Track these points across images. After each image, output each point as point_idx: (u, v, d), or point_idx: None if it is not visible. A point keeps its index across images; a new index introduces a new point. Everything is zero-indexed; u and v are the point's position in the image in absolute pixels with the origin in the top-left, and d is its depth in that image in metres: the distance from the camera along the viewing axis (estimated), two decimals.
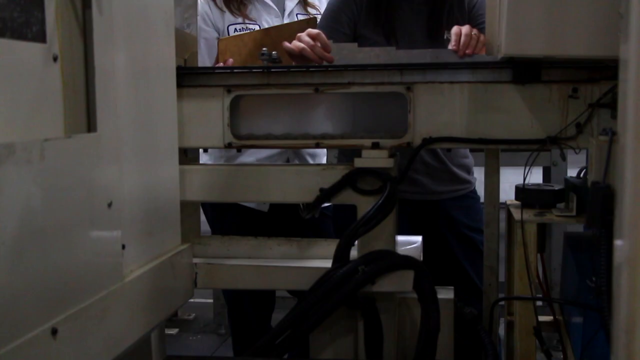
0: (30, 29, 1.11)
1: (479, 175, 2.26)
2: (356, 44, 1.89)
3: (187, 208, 1.89)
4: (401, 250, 1.91)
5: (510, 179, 2.09)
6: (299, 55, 1.90)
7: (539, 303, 1.98)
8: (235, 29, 2.37)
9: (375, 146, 1.76)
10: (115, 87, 1.36)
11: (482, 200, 2.07)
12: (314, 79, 1.80)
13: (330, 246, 2.04)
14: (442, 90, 1.75)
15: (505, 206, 2.00)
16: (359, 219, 1.70)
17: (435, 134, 1.75)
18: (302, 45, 1.88)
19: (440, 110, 1.75)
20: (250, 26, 2.37)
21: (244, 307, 2.53)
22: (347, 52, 1.89)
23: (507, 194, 2.05)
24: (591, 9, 1.38)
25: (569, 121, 1.69)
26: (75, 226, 1.19)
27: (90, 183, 1.23)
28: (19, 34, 1.09)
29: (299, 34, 1.91)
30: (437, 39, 2.20)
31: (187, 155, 1.96)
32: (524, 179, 1.82)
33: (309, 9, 2.48)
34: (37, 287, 1.07)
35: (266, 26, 2.38)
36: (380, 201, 1.68)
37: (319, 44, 1.88)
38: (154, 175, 1.61)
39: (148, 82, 1.56)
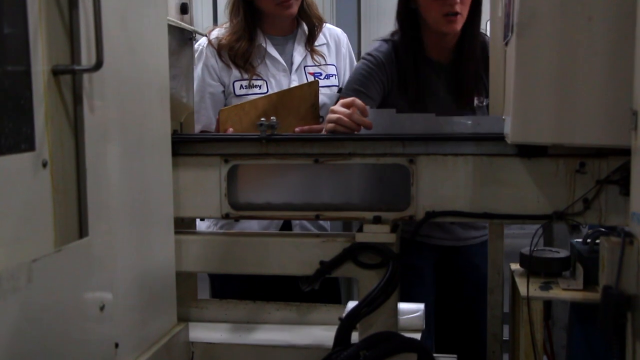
0: (18, 140, 1.06)
1: None
2: (394, 109, 1.82)
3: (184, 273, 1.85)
4: (403, 319, 1.87)
5: None
6: (336, 126, 1.80)
7: None
8: (241, 85, 2.32)
9: (377, 220, 1.71)
10: (108, 180, 1.31)
11: None
12: (313, 149, 1.75)
13: (330, 311, 2.00)
14: (445, 162, 1.70)
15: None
16: (361, 300, 1.65)
17: (438, 208, 1.70)
18: (338, 115, 1.79)
19: (444, 183, 1.70)
20: (256, 82, 2.32)
21: None
22: (384, 117, 1.81)
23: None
24: (599, 98, 1.33)
25: (576, 196, 1.64)
26: (65, 337, 1.14)
27: (81, 291, 1.18)
28: (7, 149, 1.04)
29: (332, 107, 1.83)
30: (466, 107, 2.18)
31: (184, 220, 1.91)
32: (531, 250, 1.77)
33: (317, 58, 2.42)
34: None
35: (273, 82, 2.33)
36: (382, 282, 1.63)
37: (356, 110, 1.80)
38: (149, 253, 1.56)
39: (143, 156, 1.51)
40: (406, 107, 2.15)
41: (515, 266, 1.96)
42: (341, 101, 1.83)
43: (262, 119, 1.75)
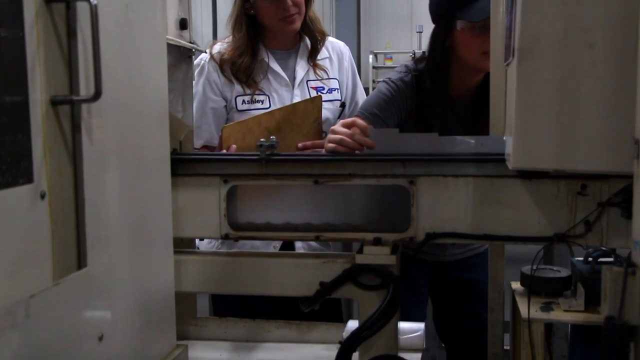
0: (17, 175, 1.05)
1: None
2: (397, 129, 1.81)
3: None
4: (403, 339, 1.86)
5: None
6: (338, 147, 1.79)
7: None
8: (243, 100, 2.31)
9: (377, 242, 1.70)
10: (107, 207, 1.30)
11: None
12: (314, 170, 1.74)
13: (330, 330, 2.00)
14: (446, 183, 1.69)
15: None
16: (361, 324, 1.64)
17: (439, 229, 1.70)
18: (339, 136, 1.78)
19: (445, 205, 1.69)
20: (259, 97, 2.31)
21: None
22: (386, 137, 1.79)
23: None
24: (600, 124, 1.32)
25: (578, 218, 1.63)
26: None
27: (79, 323, 1.17)
28: (5, 184, 1.03)
29: (332, 127, 1.82)
30: None
31: (184, 240, 1.91)
32: (532, 270, 1.77)
33: (319, 72, 2.41)
34: None
35: (275, 97, 2.32)
36: (383, 305, 1.62)
37: (357, 131, 1.79)
38: (148, 276, 1.55)
39: (142, 180, 1.50)
40: None
41: (515, 284, 1.95)
42: (342, 121, 1.82)
43: (262, 139, 1.74)
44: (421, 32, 8.81)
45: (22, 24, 1.09)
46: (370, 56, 10.32)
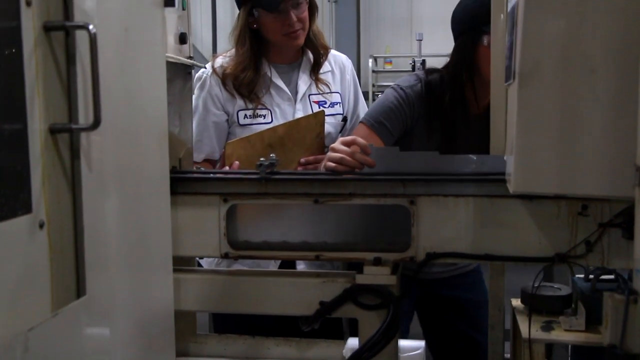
0: (15, 207, 1.04)
1: None
2: (397, 147, 1.80)
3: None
4: (403, 357, 1.85)
5: None
6: (338, 166, 1.77)
7: None
8: (245, 114, 2.30)
9: (377, 262, 1.69)
10: (106, 233, 1.29)
11: None
12: (314, 189, 1.74)
13: (330, 347, 1.99)
14: (446, 203, 1.69)
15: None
16: (362, 345, 1.64)
17: (439, 249, 1.69)
18: (340, 155, 1.77)
19: (445, 224, 1.69)
20: (261, 112, 2.30)
21: None
22: (387, 156, 1.79)
23: None
24: (602, 149, 1.32)
25: (579, 239, 1.63)
26: None
27: (79, 352, 1.17)
28: (3, 217, 1.02)
29: (332, 145, 1.81)
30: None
31: (183, 257, 1.90)
32: (532, 289, 1.76)
33: (321, 86, 2.41)
34: None
35: (277, 112, 2.31)
36: (383, 326, 1.62)
37: (358, 149, 1.78)
38: (147, 297, 1.54)
39: (141, 202, 1.49)
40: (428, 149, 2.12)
41: (516, 302, 1.95)
42: (342, 139, 1.81)
43: (262, 159, 1.73)
44: (421, 40, 8.79)
45: (21, 53, 1.09)
46: (370, 60, 10.32)
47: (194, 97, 2.29)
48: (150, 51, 1.52)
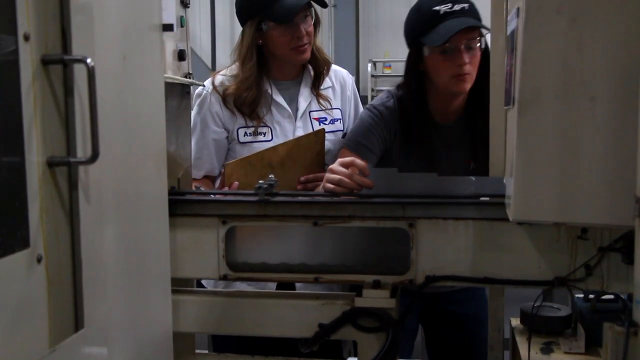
0: (12, 244, 1.04)
1: None
2: (396, 169, 1.80)
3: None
4: None
5: None
6: (337, 188, 1.79)
7: None
8: (246, 132, 2.29)
9: (377, 285, 1.69)
10: (105, 261, 1.29)
11: None
12: (312, 212, 1.73)
13: None
14: (446, 226, 1.68)
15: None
16: None
17: (438, 272, 1.69)
18: (338, 177, 1.78)
19: (444, 247, 1.69)
20: (261, 130, 2.29)
21: None
22: (385, 177, 1.79)
23: None
24: (602, 177, 1.32)
25: (578, 263, 1.63)
26: None
27: None
28: (1, 253, 1.02)
29: (330, 167, 1.81)
30: (463, 168, 2.16)
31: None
32: (533, 308, 1.76)
33: (322, 102, 2.40)
34: None
35: (277, 129, 2.30)
36: (383, 351, 1.61)
37: (356, 170, 1.78)
38: (146, 321, 1.54)
39: (140, 226, 1.49)
40: (407, 165, 2.13)
41: (515, 322, 1.95)
42: (340, 160, 1.81)
43: (261, 181, 1.73)
44: None
45: (19, 86, 1.08)
46: (369, 64, 10.31)
47: (193, 113, 2.28)
48: (148, 75, 1.51)
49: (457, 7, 2.08)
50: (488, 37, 2.02)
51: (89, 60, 1.13)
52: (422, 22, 2.11)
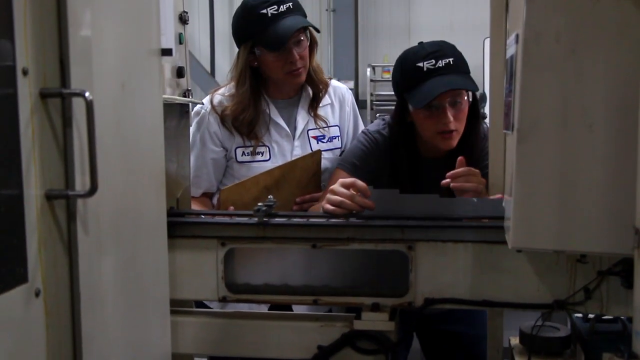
0: (11, 281, 1.04)
1: None
2: (397, 190, 1.78)
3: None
4: None
5: None
6: (337, 209, 1.77)
7: None
8: (244, 152, 2.28)
9: (376, 308, 1.69)
10: (103, 290, 1.29)
11: None
12: (311, 234, 1.73)
13: None
14: (445, 249, 1.68)
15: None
16: None
17: (438, 295, 1.68)
18: (340, 198, 1.76)
19: (444, 270, 1.68)
20: (259, 149, 2.29)
21: None
22: (386, 198, 1.77)
23: None
24: (601, 205, 1.32)
25: (577, 286, 1.63)
26: None
27: None
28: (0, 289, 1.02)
29: (331, 187, 1.80)
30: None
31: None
32: (532, 329, 1.75)
33: (319, 122, 2.40)
34: None
35: (275, 148, 2.30)
36: None
37: (357, 192, 1.76)
38: (144, 344, 1.54)
39: (138, 248, 1.48)
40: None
41: (514, 340, 1.94)
42: (341, 181, 1.80)
43: (260, 203, 1.73)
44: None
45: (17, 120, 1.09)
46: (368, 69, 10.29)
47: (191, 131, 2.27)
48: (147, 101, 1.51)
49: (441, 63, 2.02)
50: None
51: (87, 94, 1.14)
52: (406, 79, 2.07)
